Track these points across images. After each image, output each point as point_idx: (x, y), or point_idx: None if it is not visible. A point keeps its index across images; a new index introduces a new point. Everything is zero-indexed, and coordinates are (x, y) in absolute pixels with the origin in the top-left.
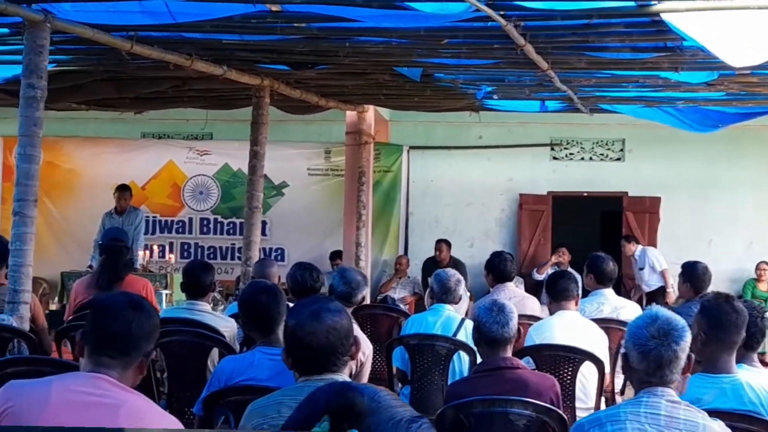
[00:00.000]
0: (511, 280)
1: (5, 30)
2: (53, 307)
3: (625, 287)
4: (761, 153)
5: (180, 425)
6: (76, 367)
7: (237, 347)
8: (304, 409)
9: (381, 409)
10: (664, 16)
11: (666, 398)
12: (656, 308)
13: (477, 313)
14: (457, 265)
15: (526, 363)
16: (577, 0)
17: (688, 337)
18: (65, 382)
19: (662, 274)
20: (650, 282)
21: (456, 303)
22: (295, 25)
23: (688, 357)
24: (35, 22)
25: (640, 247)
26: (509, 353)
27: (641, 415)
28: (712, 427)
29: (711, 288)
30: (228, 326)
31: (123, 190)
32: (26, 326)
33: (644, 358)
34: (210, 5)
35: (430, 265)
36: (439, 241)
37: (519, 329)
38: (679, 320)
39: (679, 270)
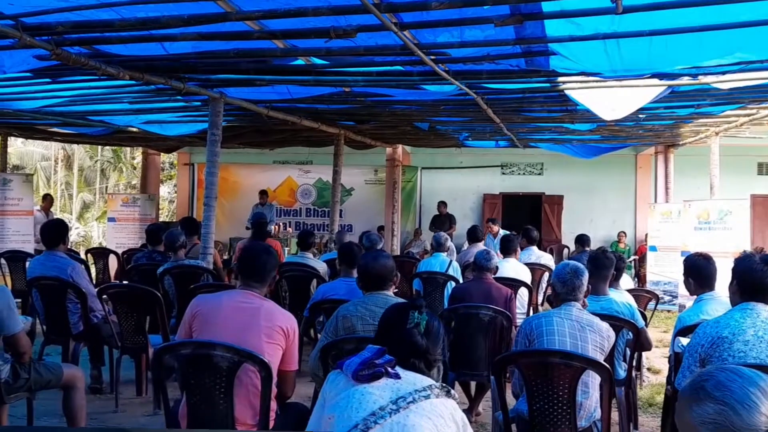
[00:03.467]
0: (480, 241)
1: (198, 102)
2: (225, 257)
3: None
4: (619, 170)
5: (293, 318)
6: (233, 287)
7: (326, 278)
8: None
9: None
10: (567, 92)
11: (575, 308)
12: (567, 260)
13: (477, 255)
14: (449, 217)
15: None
16: (515, 84)
17: (586, 275)
18: (230, 295)
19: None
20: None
21: (446, 251)
22: (358, 99)
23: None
24: (215, 98)
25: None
26: (488, 276)
27: (561, 315)
28: (598, 322)
29: (592, 246)
30: (322, 267)
31: (263, 192)
32: (210, 267)
33: (564, 286)
34: (312, 89)
35: (436, 218)
36: (439, 203)
37: (497, 266)
38: (581, 265)
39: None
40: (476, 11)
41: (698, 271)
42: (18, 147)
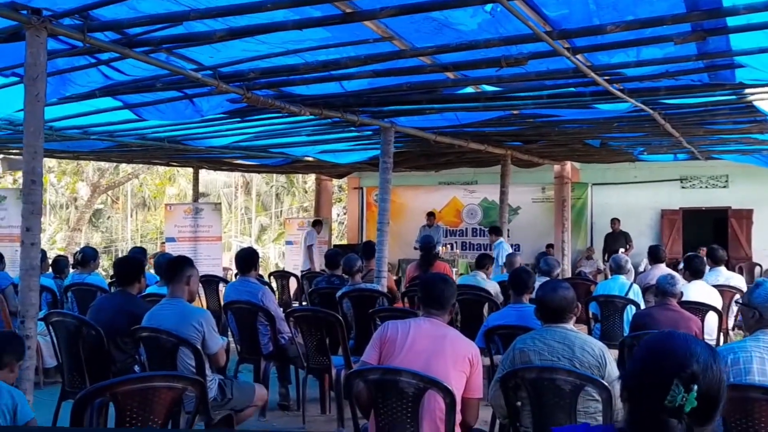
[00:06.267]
0: (662, 262)
1: (370, 132)
2: (395, 278)
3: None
4: None
5: (476, 347)
6: (414, 314)
7: (499, 300)
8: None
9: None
10: (755, 103)
11: None
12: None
13: (659, 279)
14: (624, 234)
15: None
16: (696, 98)
17: None
18: (417, 322)
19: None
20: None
21: (626, 273)
22: (527, 120)
23: None
24: (386, 128)
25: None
26: (673, 302)
27: (761, 348)
28: None
29: None
30: (494, 287)
31: (430, 214)
32: (384, 290)
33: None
34: (480, 114)
35: (608, 236)
36: (612, 219)
37: (681, 291)
38: None
39: None
40: (655, 31)
41: None
42: (203, 175)
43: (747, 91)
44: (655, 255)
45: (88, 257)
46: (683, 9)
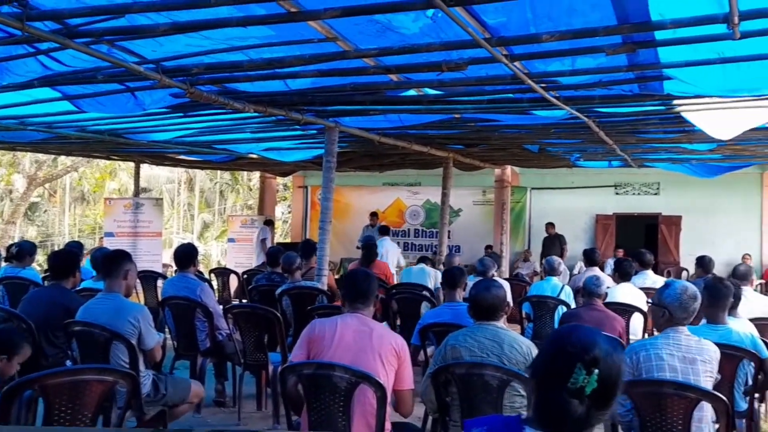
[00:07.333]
0: (596, 265)
1: (314, 131)
2: (336, 277)
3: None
4: (743, 189)
5: (402, 339)
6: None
7: (440, 297)
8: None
9: None
10: (683, 114)
11: (684, 334)
12: (675, 280)
13: (586, 281)
14: (559, 237)
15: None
16: (629, 108)
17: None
18: (344, 318)
19: None
20: None
21: (559, 275)
22: (469, 124)
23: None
24: (330, 127)
25: None
26: (598, 302)
27: (670, 345)
28: (707, 347)
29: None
30: (438, 277)
31: (373, 214)
32: (325, 288)
33: (684, 311)
34: (423, 116)
35: (545, 239)
36: (547, 224)
37: (606, 292)
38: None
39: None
40: (588, 41)
41: None
42: (146, 170)
43: (675, 102)
44: (590, 258)
45: (24, 251)
46: (615, 21)
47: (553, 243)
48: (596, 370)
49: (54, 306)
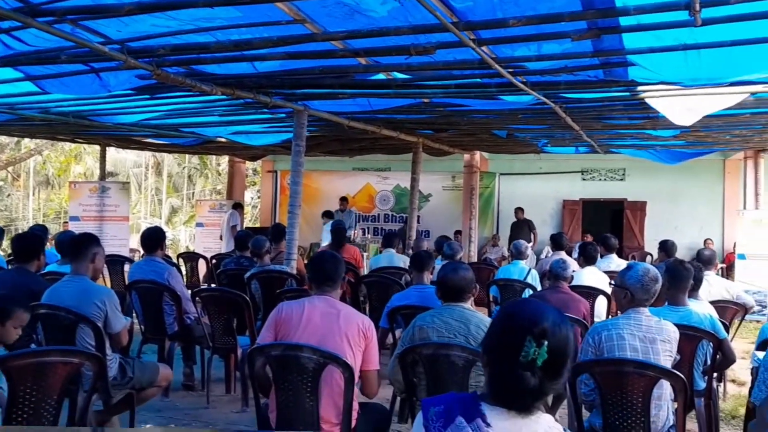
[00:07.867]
0: (563, 249)
1: (283, 114)
2: (305, 261)
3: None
4: (706, 175)
5: (369, 320)
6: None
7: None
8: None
9: None
10: (647, 100)
11: (644, 315)
12: (637, 263)
13: (552, 264)
14: (528, 222)
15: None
16: (594, 93)
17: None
18: (311, 300)
19: None
20: None
21: (525, 259)
22: (437, 109)
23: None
24: (299, 111)
25: None
26: (564, 285)
27: (631, 326)
28: (666, 327)
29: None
30: (405, 260)
31: (343, 199)
32: (294, 272)
33: (646, 293)
34: (392, 100)
35: (514, 224)
36: (516, 209)
37: (572, 276)
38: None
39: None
40: (554, 27)
41: None
42: (112, 154)
43: (639, 88)
44: (557, 242)
45: None
46: (579, 7)
47: (522, 228)
48: (546, 342)
49: (18, 289)
